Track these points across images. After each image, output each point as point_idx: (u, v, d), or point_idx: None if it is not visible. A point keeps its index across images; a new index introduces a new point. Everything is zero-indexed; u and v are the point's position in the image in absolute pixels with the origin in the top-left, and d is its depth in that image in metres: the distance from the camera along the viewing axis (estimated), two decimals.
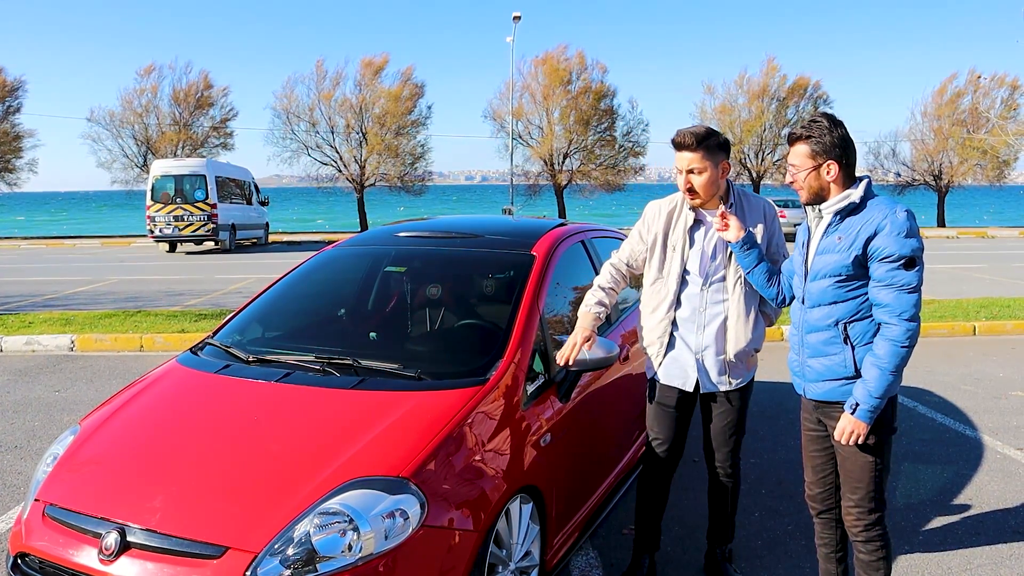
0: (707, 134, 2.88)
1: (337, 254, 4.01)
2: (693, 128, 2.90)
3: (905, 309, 2.41)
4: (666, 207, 3.07)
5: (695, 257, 2.98)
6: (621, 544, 3.54)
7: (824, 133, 2.49)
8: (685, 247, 2.98)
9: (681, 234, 2.99)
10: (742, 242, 2.83)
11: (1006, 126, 20.81)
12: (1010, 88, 30.70)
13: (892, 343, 2.43)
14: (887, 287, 2.43)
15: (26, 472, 4.47)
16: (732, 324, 2.97)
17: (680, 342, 3.02)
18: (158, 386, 3.05)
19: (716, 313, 2.97)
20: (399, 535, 2.22)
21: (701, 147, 2.86)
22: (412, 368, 2.87)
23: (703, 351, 2.98)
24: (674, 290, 2.99)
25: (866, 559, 2.69)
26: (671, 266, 3.00)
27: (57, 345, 7.90)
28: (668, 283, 3.00)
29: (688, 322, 2.99)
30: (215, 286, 13.23)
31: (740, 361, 3.01)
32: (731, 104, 33.12)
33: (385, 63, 31.02)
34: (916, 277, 2.42)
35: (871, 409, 2.46)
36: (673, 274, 2.99)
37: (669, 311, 3.01)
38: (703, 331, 2.98)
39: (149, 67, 31.35)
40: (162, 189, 21.32)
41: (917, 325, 2.44)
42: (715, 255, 2.96)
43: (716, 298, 2.97)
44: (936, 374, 6.72)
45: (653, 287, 3.06)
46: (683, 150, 2.88)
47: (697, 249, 2.98)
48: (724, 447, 3.11)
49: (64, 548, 2.32)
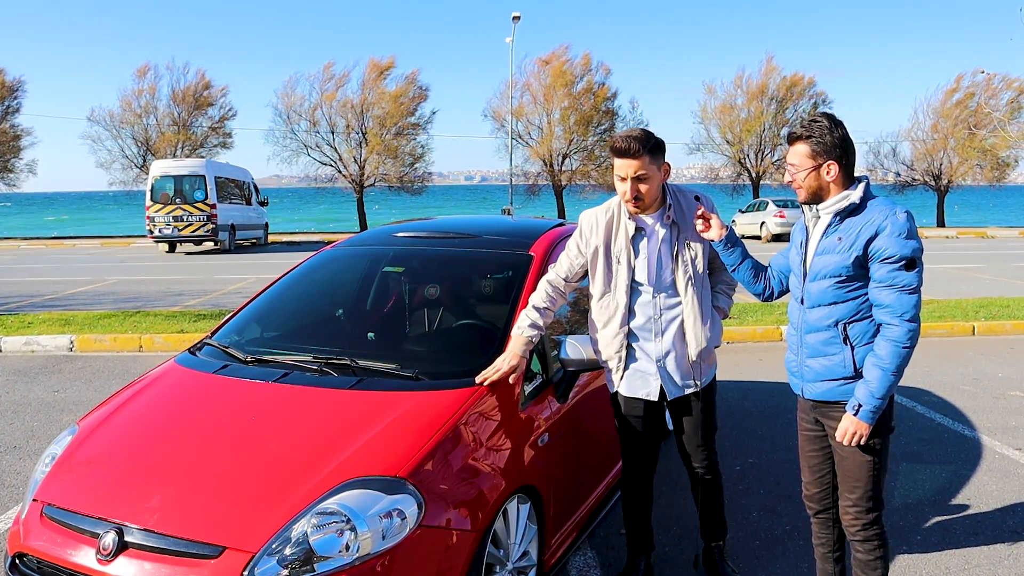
0: (647, 136, 2.78)
1: (335, 254, 4.02)
2: (632, 133, 2.79)
3: (906, 310, 2.42)
4: (603, 217, 2.95)
5: (642, 266, 2.89)
6: (619, 544, 3.54)
7: (825, 133, 2.49)
8: (631, 257, 2.90)
9: (624, 245, 2.90)
10: (725, 240, 2.81)
11: (1008, 127, 20.81)
12: (1016, 91, 30.65)
13: (893, 344, 2.43)
14: (888, 288, 2.43)
15: (24, 472, 4.47)
16: (690, 326, 2.90)
17: (639, 352, 2.95)
18: (156, 386, 3.05)
19: (672, 318, 2.91)
20: (396, 535, 2.22)
21: (645, 152, 2.74)
22: (410, 368, 2.88)
23: (664, 358, 2.92)
24: (624, 302, 2.91)
25: (863, 559, 2.69)
26: (618, 279, 2.92)
27: (56, 345, 7.90)
28: (617, 296, 2.92)
29: (644, 331, 2.92)
30: (214, 286, 13.24)
31: (702, 360, 2.96)
32: (731, 104, 33.12)
33: (391, 65, 31.07)
34: (916, 278, 2.42)
35: (874, 410, 2.46)
36: (621, 286, 2.91)
37: (623, 324, 2.92)
38: (661, 337, 2.91)
39: (144, 67, 31.38)
40: (161, 189, 21.34)
41: (918, 326, 2.45)
42: (661, 261, 2.89)
43: (669, 303, 2.90)
44: (935, 374, 6.72)
45: (601, 301, 2.96)
46: (627, 157, 2.75)
47: (643, 258, 2.89)
48: (699, 447, 3.07)
49: (62, 548, 2.32)
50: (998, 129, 19.19)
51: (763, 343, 8.16)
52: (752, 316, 8.87)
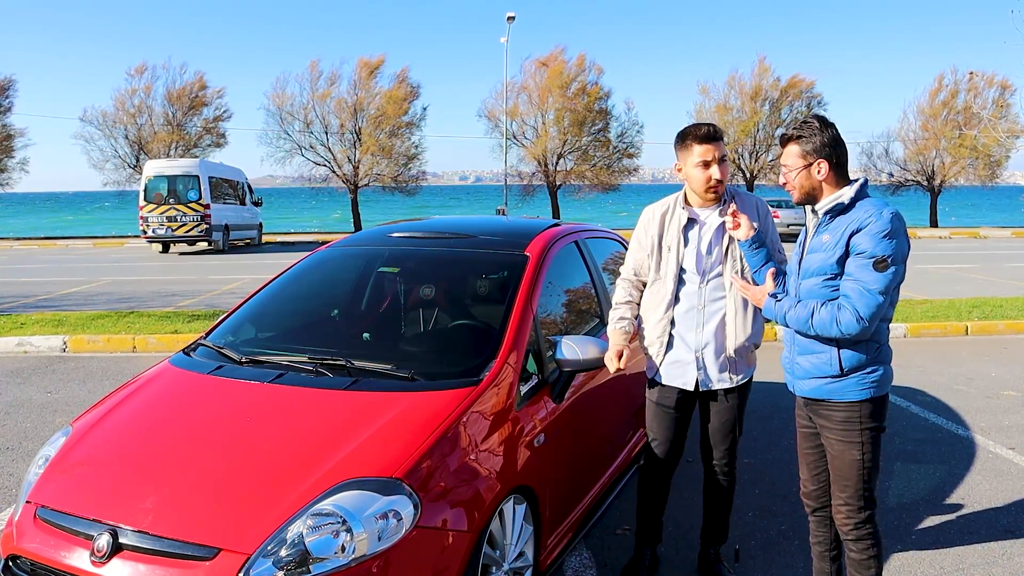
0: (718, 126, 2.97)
1: (330, 254, 4.01)
2: (706, 122, 2.97)
3: (864, 308, 2.39)
4: (659, 210, 3.08)
5: (690, 255, 2.99)
6: (615, 544, 3.54)
7: (815, 133, 2.52)
8: (680, 246, 2.99)
9: (676, 234, 3.00)
10: (751, 241, 2.84)
11: (997, 124, 20.92)
12: (1000, 88, 30.84)
13: (828, 320, 2.43)
14: (853, 281, 2.42)
15: (17, 474, 4.45)
16: (731, 320, 2.97)
17: (679, 341, 3.02)
18: (151, 387, 3.04)
19: (715, 310, 2.98)
20: (392, 536, 2.21)
21: (722, 136, 2.93)
22: (405, 368, 2.87)
23: (703, 348, 2.99)
24: (672, 289, 3.00)
25: (857, 558, 2.70)
26: (667, 266, 3.01)
27: (49, 346, 7.86)
28: (666, 283, 3.01)
29: (687, 320, 3.00)
30: (208, 287, 13.20)
31: (740, 357, 3.01)
32: (726, 104, 33.17)
33: (381, 63, 30.99)
34: (884, 280, 2.38)
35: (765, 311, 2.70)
36: (670, 274, 3.00)
37: (668, 310, 3.02)
38: (702, 328, 2.98)
39: (140, 66, 31.20)
40: (155, 189, 21.27)
41: (867, 327, 2.41)
42: (711, 252, 2.97)
43: (714, 295, 2.98)
44: (929, 373, 6.75)
45: (652, 288, 3.08)
46: (710, 141, 2.89)
47: (692, 247, 2.99)
48: (722, 446, 3.12)
49: (56, 550, 2.31)
50: (987, 127, 19.30)
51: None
52: None
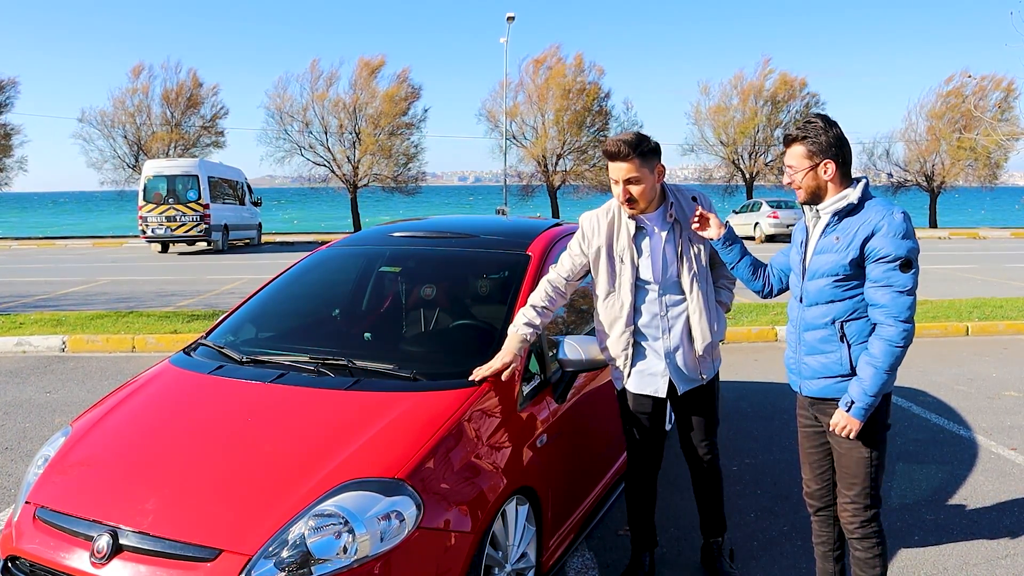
0: (639, 141, 2.80)
1: (331, 254, 3.99)
2: (623, 137, 2.81)
3: (901, 311, 2.44)
4: (603, 218, 2.98)
5: (646, 265, 2.92)
6: (617, 545, 3.53)
7: (819, 133, 2.52)
8: (634, 256, 2.92)
9: (626, 244, 2.92)
10: (723, 238, 2.84)
11: (998, 127, 20.94)
12: (1004, 92, 30.85)
13: (887, 343, 2.45)
14: (883, 288, 2.45)
15: (17, 474, 4.43)
16: (696, 322, 2.93)
17: (647, 350, 2.98)
18: (150, 387, 3.02)
19: (678, 314, 2.94)
20: (395, 537, 2.20)
21: (636, 155, 2.77)
22: (407, 369, 2.86)
23: (672, 354, 2.95)
24: (629, 301, 2.93)
25: (862, 556, 2.70)
26: (622, 278, 2.93)
27: (48, 346, 7.84)
28: (621, 295, 2.94)
29: (651, 329, 2.95)
30: (208, 287, 13.18)
31: (708, 355, 2.99)
32: (725, 105, 33.17)
33: (382, 64, 31.00)
34: (912, 279, 2.44)
35: (866, 407, 2.49)
36: (626, 285, 2.92)
37: (629, 323, 2.94)
38: (668, 335, 2.94)
39: (138, 67, 31.20)
40: (154, 189, 21.25)
41: (912, 326, 2.47)
42: (666, 259, 2.91)
43: (675, 300, 2.94)
44: (930, 374, 6.74)
45: (606, 301, 2.99)
46: (617, 160, 2.79)
47: (647, 256, 2.91)
48: (703, 440, 3.12)
49: (55, 551, 2.29)
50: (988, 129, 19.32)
51: (758, 343, 8.16)
52: (747, 316, 8.88)
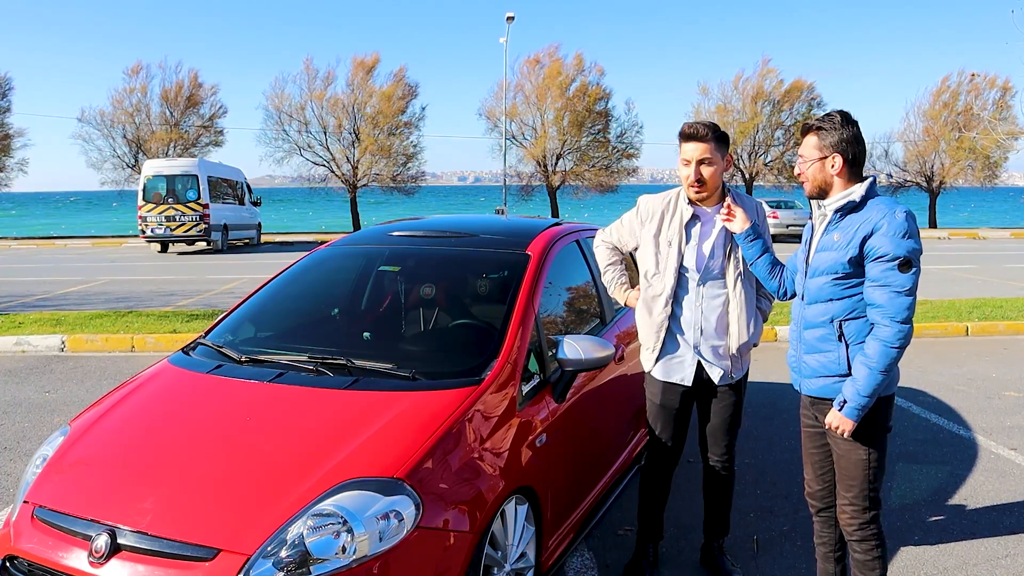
0: (715, 126, 2.92)
1: (330, 253, 3.99)
2: (701, 120, 2.95)
3: (898, 311, 2.41)
4: (659, 203, 3.06)
5: (691, 253, 2.97)
6: (616, 545, 3.53)
7: (835, 128, 2.51)
8: (682, 243, 2.97)
9: (677, 230, 2.98)
10: (747, 233, 2.85)
11: (996, 126, 20.96)
12: (1001, 90, 30.89)
13: (883, 344, 2.43)
14: (881, 287, 2.43)
15: (15, 474, 4.43)
16: (733, 319, 2.97)
17: (677, 338, 3.02)
18: (149, 386, 3.01)
19: (715, 308, 2.97)
20: (394, 537, 2.19)
21: (712, 138, 2.88)
22: (406, 368, 2.85)
23: (702, 346, 2.98)
24: (671, 286, 2.98)
25: (861, 559, 2.69)
26: (667, 262, 2.99)
27: (47, 345, 7.83)
28: (665, 279, 2.99)
29: (686, 317, 2.99)
30: (207, 286, 13.17)
31: (740, 355, 3.02)
32: (727, 106, 33.16)
33: (376, 62, 30.95)
34: (911, 280, 2.41)
35: (859, 407, 2.47)
36: (670, 270, 2.98)
37: (666, 307, 3.00)
38: (701, 327, 2.97)
39: (137, 66, 31.15)
40: (154, 189, 21.24)
41: (910, 328, 2.44)
42: (713, 252, 2.96)
43: (714, 293, 2.97)
44: (929, 374, 6.74)
45: (650, 281, 3.06)
46: (694, 140, 2.89)
47: (693, 245, 2.97)
48: (722, 441, 3.12)
49: (53, 551, 2.28)
50: (986, 129, 19.31)
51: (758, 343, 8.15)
52: None
